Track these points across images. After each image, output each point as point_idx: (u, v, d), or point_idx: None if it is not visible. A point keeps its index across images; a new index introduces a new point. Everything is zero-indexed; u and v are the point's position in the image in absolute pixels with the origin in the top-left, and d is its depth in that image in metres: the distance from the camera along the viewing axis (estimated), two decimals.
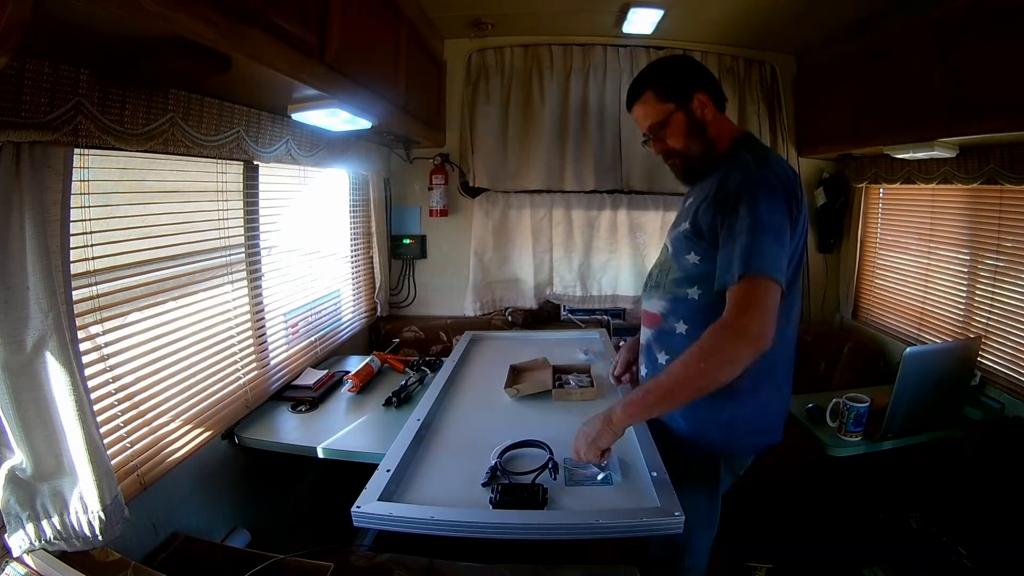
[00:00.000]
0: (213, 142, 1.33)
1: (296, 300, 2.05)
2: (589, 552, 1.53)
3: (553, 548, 1.37)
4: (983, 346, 1.93)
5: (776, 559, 1.86)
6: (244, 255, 1.69)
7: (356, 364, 2.03)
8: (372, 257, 2.68)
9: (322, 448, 1.49)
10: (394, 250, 2.83)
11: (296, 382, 1.89)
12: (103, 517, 1.01)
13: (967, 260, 2.08)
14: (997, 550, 1.61)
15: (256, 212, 1.74)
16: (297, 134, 1.72)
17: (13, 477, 0.95)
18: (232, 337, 1.63)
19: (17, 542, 0.96)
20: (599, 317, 2.83)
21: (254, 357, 1.73)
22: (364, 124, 1.68)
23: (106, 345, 1.19)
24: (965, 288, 2.08)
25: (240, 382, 1.64)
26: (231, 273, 1.63)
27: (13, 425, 0.93)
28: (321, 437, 1.54)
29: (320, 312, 2.23)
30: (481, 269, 2.78)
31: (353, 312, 2.54)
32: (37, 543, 0.98)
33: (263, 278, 1.79)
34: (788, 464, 2.10)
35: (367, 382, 1.90)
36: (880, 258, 2.62)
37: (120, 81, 1.02)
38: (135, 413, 1.26)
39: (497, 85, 2.63)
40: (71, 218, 1.02)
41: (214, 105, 1.32)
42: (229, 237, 1.62)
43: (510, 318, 2.78)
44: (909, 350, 1.59)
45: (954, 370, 1.74)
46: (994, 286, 1.95)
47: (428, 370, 1.95)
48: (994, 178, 1.79)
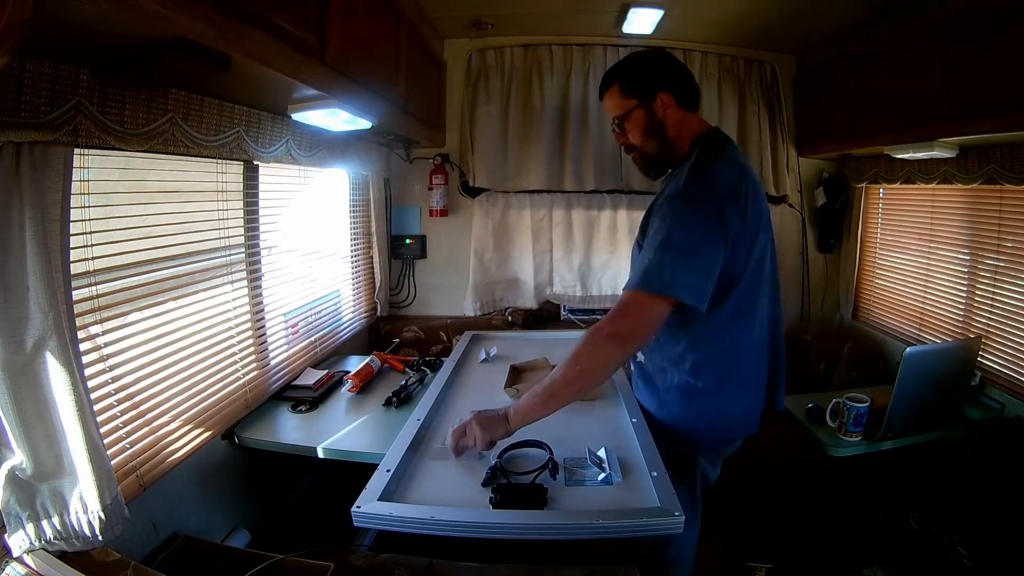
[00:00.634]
0: (213, 142, 1.33)
1: (296, 300, 2.05)
2: (589, 552, 1.53)
3: (553, 548, 1.37)
4: (983, 346, 1.93)
5: (776, 559, 1.87)
6: (244, 255, 1.69)
7: (356, 364, 2.03)
8: (372, 257, 2.68)
9: (322, 448, 1.49)
10: (394, 250, 2.83)
11: (296, 382, 1.89)
12: (103, 517, 1.01)
13: (967, 260, 2.08)
14: (997, 550, 1.61)
15: (256, 212, 1.74)
16: (297, 134, 1.72)
17: (13, 477, 0.95)
18: (232, 337, 1.63)
19: (17, 542, 0.96)
20: (599, 317, 2.82)
21: (254, 357, 1.73)
22: (364, 124, 1.68)
23: (106, 345, 1.19)
24: (965, 288, 2.08)
25: (240, 382, 1.64)
26: (231, 273, 1.63)
27: (13, 425, 0.93)
28: (321, 437, 1.54)
29: (320, 312, 2.23)
30: (481, 269, 2.78)
31: (353, 312, 2.54)
32: (37, 543, 0.98)
33: (263, 278, 1.79)
34: (788, 464, 2.10)
35: (367, 382, 1.89)
36: (880, 258, 2.62)
37: (120, 81, 1.02)
38: (135, 413, 1.26)
39: (497, 85, 2.63)
40: (71, 218, 1.02)
41: (214, 105, 1.32)
42: (229, 237, 1.62)
43: (510, 318, 2.78)
44: (909, 350, 1.59)
45: (954, 370, 1.74)
46: (994, 286, 1.95)
47: (428, 370, 1.95)
48: (994, 178, 1.79)
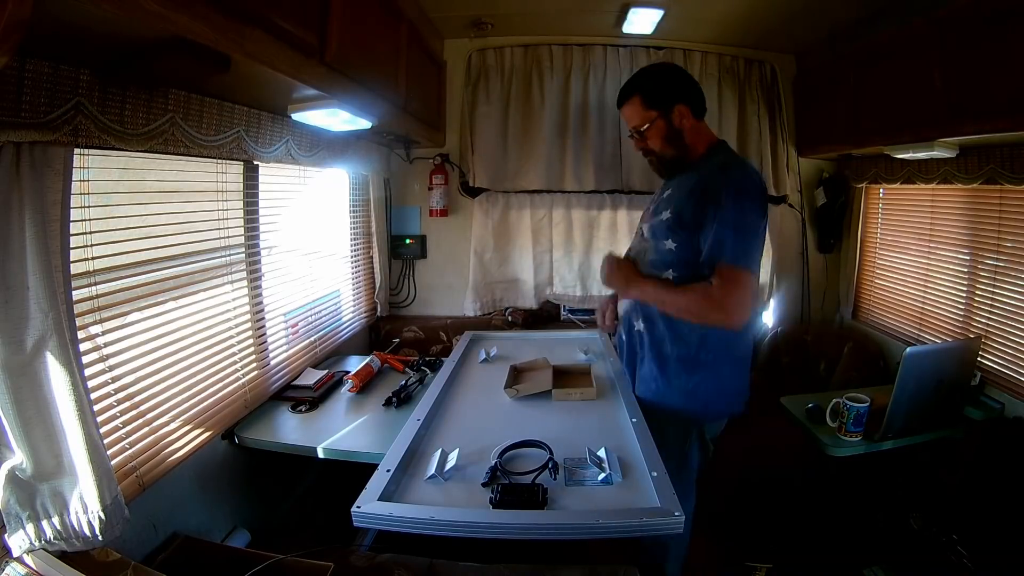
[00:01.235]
0: (213, 142, 1.33)
1: (296, 300, 2.05)
2: (589, 552, 1.53)
3: (553, 548, 1.37)
4: (983, 346, 1.93)
5: (776, 559, 1.86)
6: (244, 255, 1.69)
7: (356, 364, 2.03)
8: (372, 257, 2.68)
9: (322, 448, 1.49)
10: (394, 250, 2.83)
11: (296, 382, 1.89)
12: (103, 517, 1.01)
13: (967, 260, 2.08)
14: (997, 550, 1.61)
15: (256, 212, 1.74)
16: (297, 134, 1.72)
17: (13, 477, 0.95)
18: (232, 337, 1.63)
19: (17, 542, 0.96)
20: None
21: (254, 357, 1.73)
22: (364, 124, 1.68)
23: (106, 345, 1.19)
24: (965, 288, 2.08)
25: (240, 382, 1.64)
26: (231, 273, 1.63)
27: (13, 425, 0.93)
28: (321, 437, 1.54)
29: (320, 312, 2.23)
30: (481, 269, 2.78)
31: (353, 312, 2.54)
32: (37, 543, 0.98)
33: (263, 278, 1.79)
34: (788, 464, 2.10)
35: (367, 382, 1.90)
36: (880, 258, 2.62)
37: (120, 81, 1.02)
38: (135, 413, 1.26)
39: (497, 85, 2.62)
40: (71, 218, 1.02)
41: (214, 105, 1.32)
42: (229, 237, 1.62)
43: (510, 318, 2.78)
44: (909, 350, 1.59)
45: (954, 370, 1.74)
46: (994, 286, 1.95)
47: (428, 370, 1.95)
48: (994, 178, 1.79)
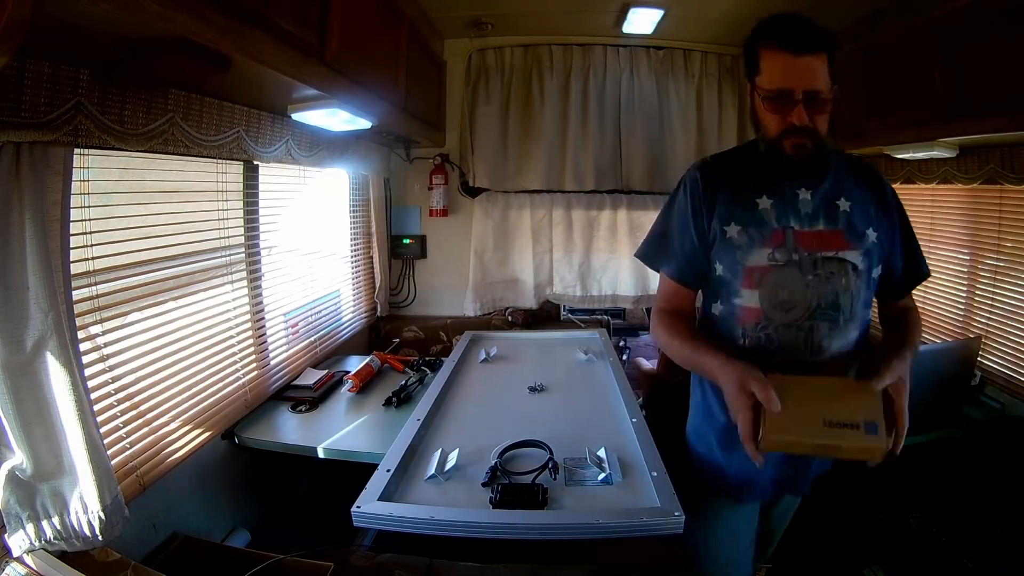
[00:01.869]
0: (213, 142, 1.33)
1: (296, 300, 2.05)
2: (589, 552, 1.53)
3: (553, 548, 1.37)
4: (983, 346, 1.93)
5: (776, 559, 1.86)
6: (244, 255, 1.69)
7: (356, 364, 2.03)
8: (372, 257, 2.67)
9: (322, 448, 1.49)
10: (394, 250, 2.83)
11: (296, 382, 1.89)
12: (103, 517, 1.01)
13: (967, 260, 2.08)
14: (997, 550, 1.61)
15: (256, 212, 1.74)
16: (297, 134, 1.72)
17: (13, 477, 0.95)
18: (232, 337, 1.63)
19: (17, 542, 0.96)
20: (599, 317, 2.84)
21: (254, 357, 1.73)
22: (364, 124, 1.68)
23: (106, 345, 1.19)
24: (965, 288, 2.08)
25: (240, 382, 1.64)
26: (231, 273, 1.63)
27: (13, 425, 0.93)
28: (321, 437, 1.54)
29: (320, 312, 2.23)
30: (481, 269, 2.78)
31: (353, 312, 2.54)
32: (37, 543, 0.98)
33: (263, 278, 1.79)
34: None
35: (367, 382, 1.89)
36: None
37: (120, 81, 1.02)
38: (135, 413, 1.26)
39: (497, 85, 2.63)
40: (71, 218, 1.02)
41: (214, 105, 1.32)
42: (229, 237, 1.62)
43: (510, 318, 2.78)
44: None
45: (954, 370, 1.74)
46: (994, 286, 1.95)
47: (428, 370, 1.95)
48: (994, 178, 1.79)
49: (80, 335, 1.06)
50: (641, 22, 2.32)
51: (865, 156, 2.41)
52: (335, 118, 1.58)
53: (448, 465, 1.14)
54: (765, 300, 1.00)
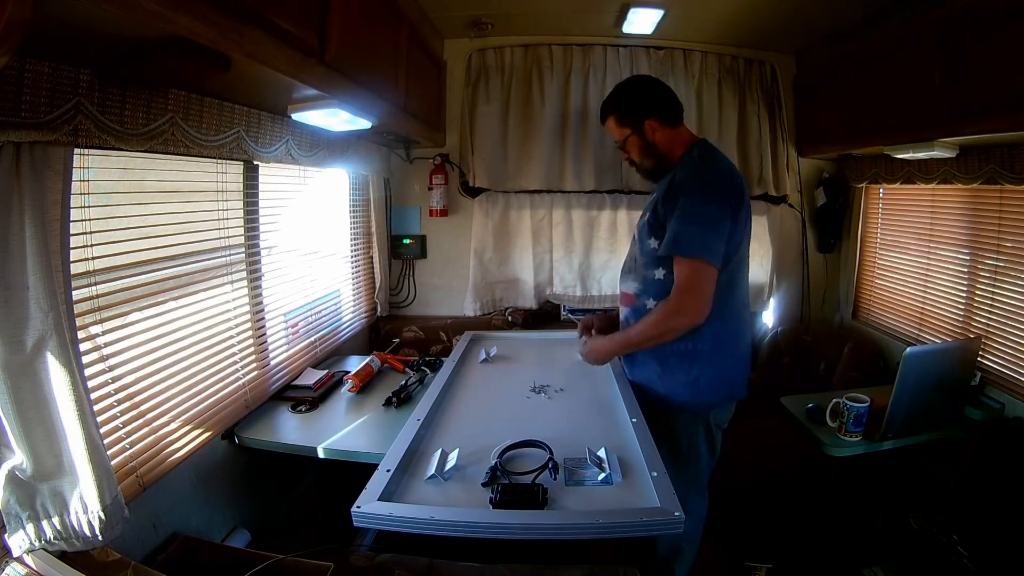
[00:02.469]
0: (213, 142, 1.33)
1: (296, 300, 2.05)
2: (589, 552, 1.53)
3: (553, 548, 1.37)
4: (983, 346, 1.93)
5: (776, 559, 1.87)
6: (244, 255, 1.69)
7: (356, 364, 2.03)
8: (372, 257, 2.68)
9: (322, 448, 1.49)
10: (394, 250, 2.83)
11: (296, 382, 1.89)
12: (103, 517, 1.01)
13: (967, 260, 2.08)
14: (997, 550, 1.61)
15: (256, 212, 1.74)
16: (297, 134, 1.72)
17: (13, 477, 0.95)
18: (232, 337, 1.63)
19: (17, 542, 0.96)
20: None
21: (254, 357, 1.73)
22: (364, 124, 1.68)
23: (106, 345, 1.19)
24: (965, 288, 2.08)
25: (240, 382, 1.64)
26: (231, 273, 1.63)
27: (13, 425, 0.93)
28: (321, 437, 1.54)
29: (320, 312, 2.23)
30: (481, 269, 2.78)
31: (353, 312, 2.54)
32: (37, 543, 0.98)
33: (263, 278, 1.79)
34: (788, 464, 2.10)
35: (367, 382, 1.90)
36: (880, 258, 2.62)
37: (120, 81, 1.02)
38: (135, 413, 1.26)
39: (497, 85, 2.62)
40: (71, 218, 1.02)
41: (214, 105, 1.32)
42: (229, 237, 1.62)
43: (510, 318, 2.78)
44: (909, 350, 1.59)
45: (954, 370, 1.74)
46: (994, 286, 1.95)
47: (428, 370, 1.95)
48: (994, 178, 1.79)
49: (80, 335, 1.06)
50: (641, 22, 2.32)
51: (865, 156, 2.43)
52: (335, 118, 1.57)
53: (448, 465, 1.14)
54: None
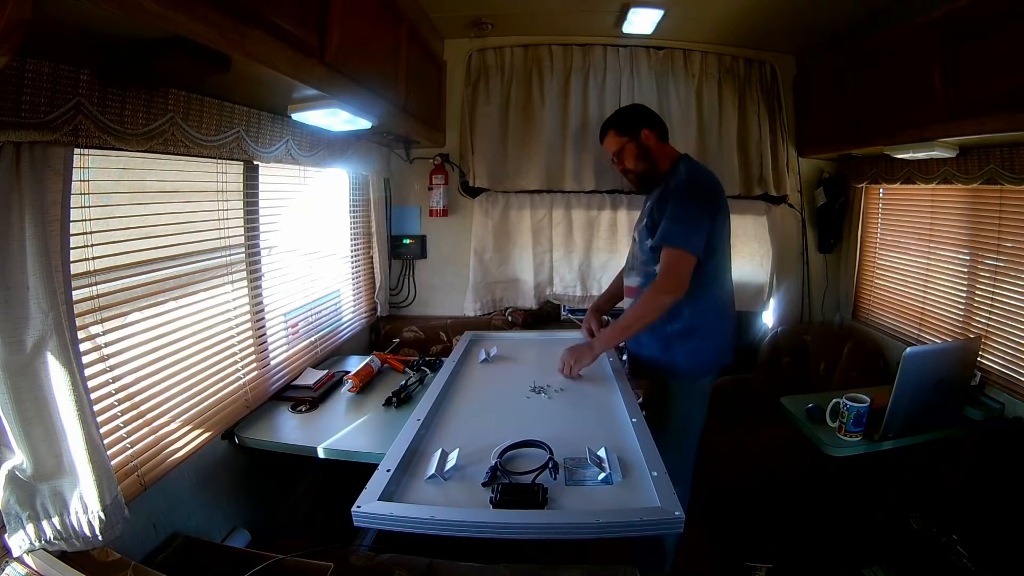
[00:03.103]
0: (213, 142, 1.33)
1: (296, 300, 2.05)
2: (589, 552, 1.53)
3: (553, 548, 1.37)
4: (983, 346, 1.93)
5: (776, 559, 1.87)
6: (244, 255, 1.69)
7: (356, 364, 2.03)
8: (372, 257, 2.68)
9: (322, 448, 1.49)
10: (394, 250, 2.83)
11: (296, 382, 1.89)
12: (103, 517, 1.01)
13: (967, 260, 2.08)
14: (997, 550, 1.61)
15: (256, 212, 1.74)
16: (297, 134, 1.72)
17: (13, 477, 0.95)
18: (232, 337, 1.63)
19: (17, 542, 0.96)
20: None
21: (254, 357, 1.73)
22: (364, 124, 1.68)
23: (106, 345, 1.19)
24: (965, 288, 2.08)
25: (240, 382, 1.64)
26: (231, 273, 1.63)
27: (13, 425, 0.93)
28: (321, 437, 1.54)
29: (320, 312, 2.23)
30: (481, 269, 2.78)
31: (353, 312, 2.54)
32: (37, 543, 0.98)
33: (263, 278, 1.79)
34: (788, 464, 2.10)
35: (367, 382, 1.90)
36: (880, 258, 2.62)
37: (120, 81, 1.02)
38: (135, 413, 1.26)
39: (497, 85, 2.62)
40: (71, 218, 1.02)
41: (214, 105, 1.32)
42: (229, 237, 1.62)
43: (510, 318, 2.78)
44: (909, 350, 1.59)
45: (954, 370, 1.74)
46: (994, 286, 1.95)
47: (428, 370, 1.95)
48: (994, 178, 1.79)
49: (80, 335, 1.06)
50: (641, 22, 2.32)
51: (865, 156, 2.43)
52: (335, 118, 1.58)
53: (448, 465, 1.14)
54: None
